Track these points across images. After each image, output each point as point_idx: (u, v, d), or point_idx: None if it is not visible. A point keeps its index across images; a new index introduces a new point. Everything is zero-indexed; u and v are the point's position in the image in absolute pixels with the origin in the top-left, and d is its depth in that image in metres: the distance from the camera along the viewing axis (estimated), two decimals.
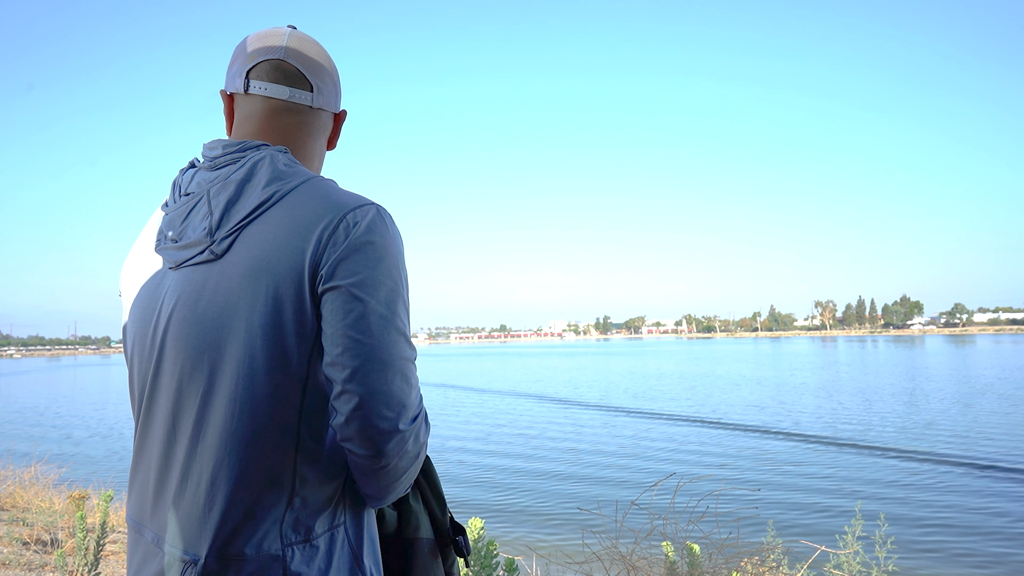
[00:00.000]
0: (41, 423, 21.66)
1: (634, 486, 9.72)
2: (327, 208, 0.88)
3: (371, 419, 0.83)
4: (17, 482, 6.39)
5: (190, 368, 0.87)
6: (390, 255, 0.88)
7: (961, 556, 6.72)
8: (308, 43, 1.03)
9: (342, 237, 0.86)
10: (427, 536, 1.08)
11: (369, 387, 0.83)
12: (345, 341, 0.83)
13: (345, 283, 0.84)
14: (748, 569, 3.58)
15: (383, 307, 0.85)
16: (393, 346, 0.85)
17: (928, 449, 12.42)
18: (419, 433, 0.88)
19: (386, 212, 0.92)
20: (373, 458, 0.85)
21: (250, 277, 0.86)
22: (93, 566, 3.48)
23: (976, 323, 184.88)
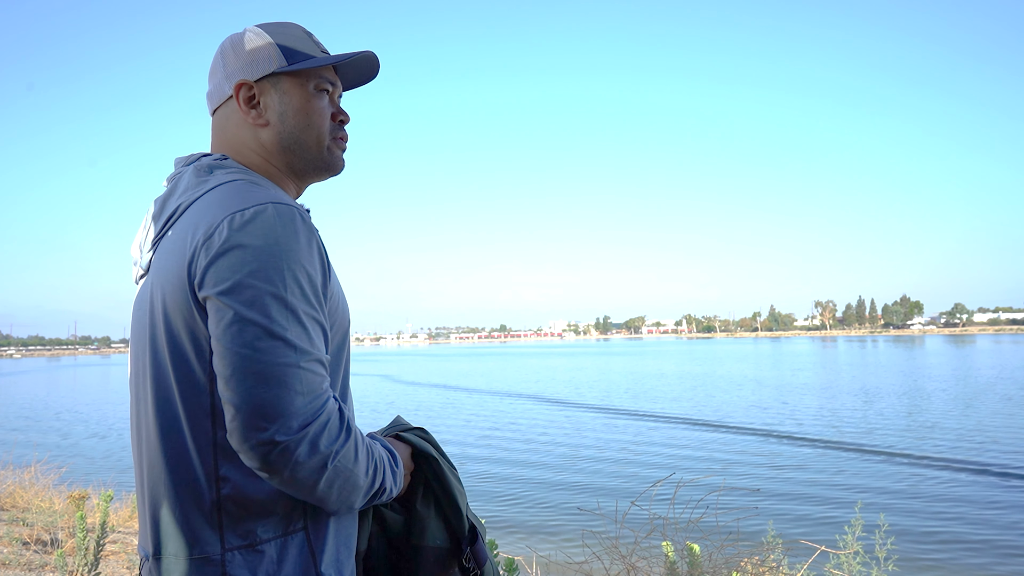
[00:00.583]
0: (41, 423, 21.67)
1: (634, 486, 9.72)
2: (212, 214, 0.87)
3: (245, 430, 0.79)
4: (17, 482, 6.39)
5: (137, 380, 0.95)
6: (266, 256, 0.83)
7: (962, 556, 6.72)
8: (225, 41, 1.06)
9: (215, 242, 0.84)
10: (434, 544, 1.04)
11: (241, 397, 0.80)
12: (219, 349, 0.82)
13: (214, 291, 0.83)
14: (748, 569, 3.58)
15: (253, 312, 0.81)
16: (266, 353, 0.80)
17: (931, 452, 12.42)
18: (315, 441, 0.80)
19: (282, 210, 0.86)
20: (261, 470, 0.81)
21: (157, 290, 0.90)
22: (93, 566, 3.48)
23: (976, 323, 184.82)
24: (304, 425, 0.80)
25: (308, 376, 0.82)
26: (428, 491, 1.06)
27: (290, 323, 0.82)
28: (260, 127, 1.01)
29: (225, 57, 1.03)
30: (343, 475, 0.84)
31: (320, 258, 0.89)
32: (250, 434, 0.79)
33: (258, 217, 0.84)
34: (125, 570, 4.24)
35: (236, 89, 1.01)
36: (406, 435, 1.09)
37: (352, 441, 0.85)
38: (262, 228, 0.84)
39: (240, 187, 0.92)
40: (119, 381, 47.69)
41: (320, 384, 0.83)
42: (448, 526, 1.06)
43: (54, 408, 26.98)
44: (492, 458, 12.68)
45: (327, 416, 0.82)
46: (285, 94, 1.01)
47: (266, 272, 0.82)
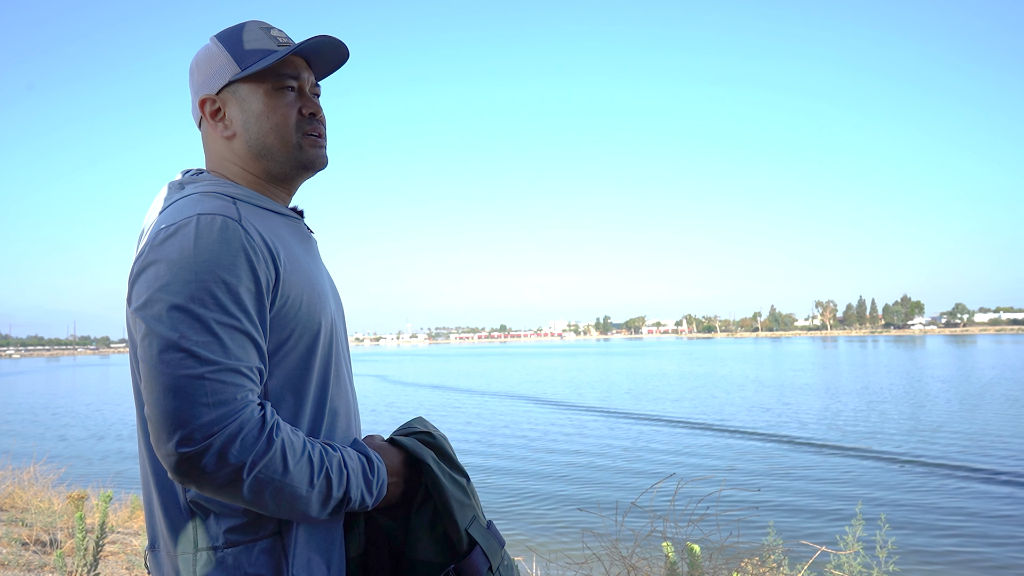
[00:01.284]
0: (40, 423, 21.66)
1: (634, 487, 9.72)
2: (152, 230, 0.91)
3: (155, 442, 0.81)
4: (16, 482, 6.38)
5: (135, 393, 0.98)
6: (179, 269, 0.83)
7: (962, 557, 6.72)
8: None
9: (139, 260, 0.88)
10: (427, 559, 0.97)
11: (150, 407, 0.82)
12: (137, 363, 0.86)
13: (132, 307, 0.87)
14: (748, 570, 3.57)
15: (160, 326, 0.82)
16: (169, 364, 0.80)
17: (931, 453, 12.41)
18: (223, 452, 0.79)
19: (203, 221, 0.86)
20: (174, 480, 0.84)
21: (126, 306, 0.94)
22: (92, 567, 3.47)
23: (977, 323, 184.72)
24: (207, 436, 0.79)
25: (216, 386, 0.81)
26: (427, 502, 0.99)
27: (198, 334, 0.82)
28: (228, 139, 1.02)
29: (192, 75, 1.05)
30: (272, 485, 0.82)
31: (249, 265, 0.86)
32: (159, 445, 0.81)
33: (179, 231, 0.85)
34: (124, 570, 4.23)
35: (200, 105, 1.03)
36: (402, 439, 1.03)
37: (275, 451, 0.82)
38: (179, 242, 0.84)
39: (188, 201, 0.91)
40: (118, 381, 47.68)
41: (232, 393, 0.81)
42: (444, 539, 0.98)
43: (53, 408, 26.98)
44: (492, 458, 12.67)
45: (238, 426, 0.80)
46: (244, 101, 1.00)
47: (176, 285, 0.83)
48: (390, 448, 1.02)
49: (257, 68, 0.99)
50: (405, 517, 1.00)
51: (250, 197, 0.98)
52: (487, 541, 1.00)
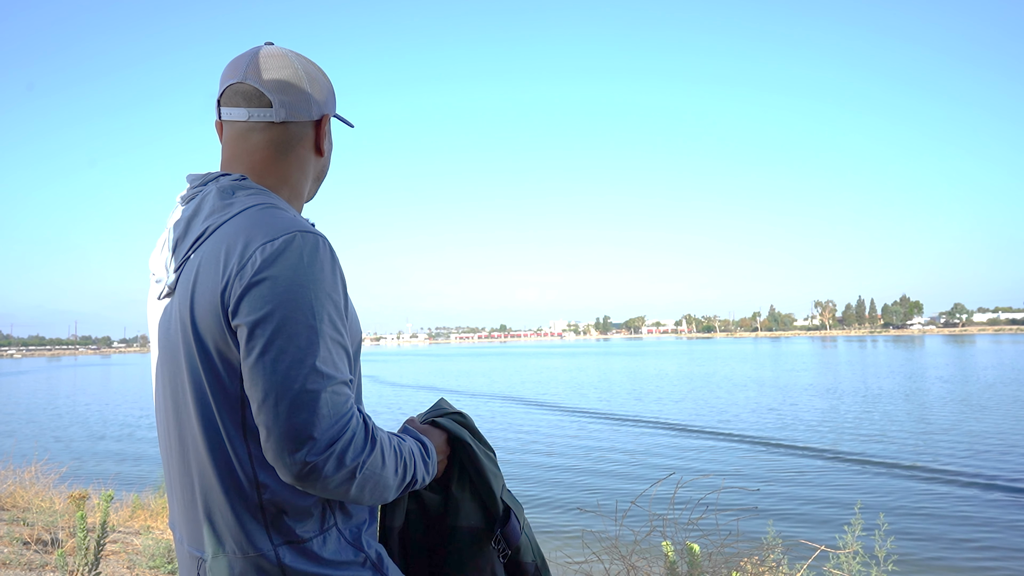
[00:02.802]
0: (41, 423, 21.65)
1: (634, 487, 9.72)
2: (244, 241, 0.90)
3: (278, 451, 0.86)
4: (17, 482, 6.39)
5: (169, 391, 0.99)
6: (296, 287, 0.87)
7: (962, 556, 6.73)
8: (272, 59, 1.04)
9: (247, 272, 0.88)
10: (468, 524, 1.12)
11: (273, 420, 0.86)
12: (251, 376, 0.87)
13: (246, 320, 0.88)
14: (748, 569, 3.58)
15: (286, 343, 0.86)
16: (295, 380, 0.85)
17: (933, 453, 12.42)
18: (342, 457, 0.87)
19: (308, 240, 0.91)
20: (295, 485, 0.89)
21: (186, 310, 0.93)
22: (93, 566, 3.48)
23: (976, 323, 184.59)
24: (330, 444, 0.86)
25: (333, 399, 0.88)
26: (463, 474, 1.14)
27: (317, 350, 0.87)
28: (318, 157, 1.11)
29: (312, 83, 1.07)
30: (372, 480, 0.92)
31: (342, 284, 0.95)
32: (283, 455, 0.86)
33: (287, 248, 0.89)
34: (125, 570, 4.24)
35: (325, 120, 1.09)
36: (441, 421, 1.17)
37: (377, 450, 0.92)
38: (291, 259, 0.88)
39: (265, 213, 0.95)
40: (119, 381, 47.66)
41: (344, 404, 0.89)
42: (483, 507, 1.13)
43: (54, 408, 26.97)
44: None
45: (351, 433, 0.89)
46: (329, 133, 1.13)
47: (295, 302, 0.87)
48: (433, 430, 1.15)
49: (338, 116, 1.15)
50: (444, 488, 1.13)
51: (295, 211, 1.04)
52: (516, 505, 1.18)
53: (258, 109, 1.03)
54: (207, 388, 0.93)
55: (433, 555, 1.13)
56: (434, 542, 1.13)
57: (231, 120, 1.05)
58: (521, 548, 1.15)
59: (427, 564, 1.14)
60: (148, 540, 4.55)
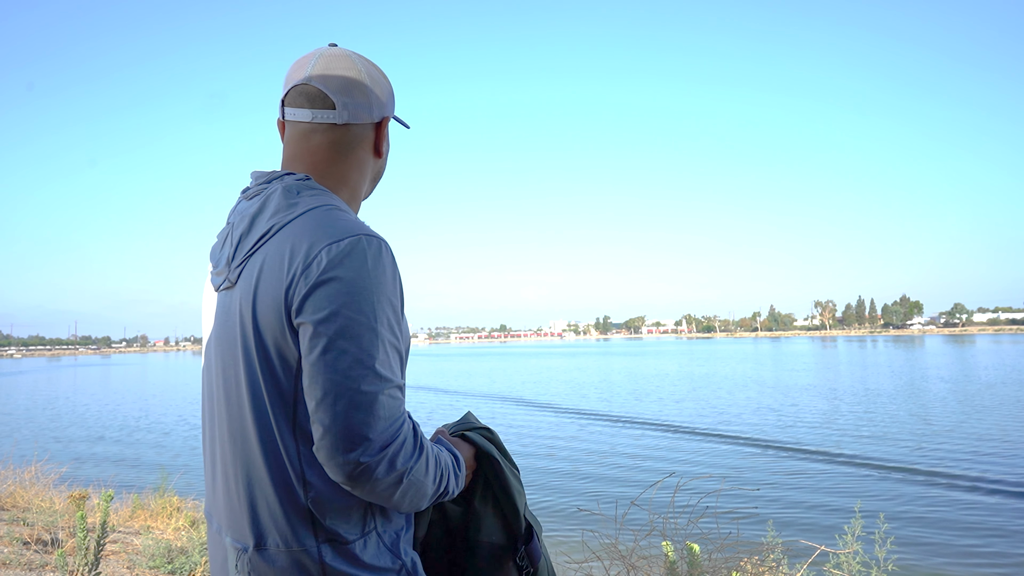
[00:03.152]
0: (41, 423, 21.65)
1: (634, 486, 9.72)
2: (309, 241, 0.92)
3: (333, 450, 0.88)
4: (17, 482, 6.39)
5: (221, 381, 1.00)
6: (360, 289, 0.90)
7: (962, 556, 6.72)
8: (336, 61, 1.06)
9: (313, 272, 0.90)
10: (490, 540, 1.11)
11: (331, 419, 0.87)
12: (311, 373, 0.89)
13: (311, 319, 0.89)
14: (748, 568, 3.58)
15: (348, 342, 0.88)
16: (355, 381, 0.87)
17: (939, 459, 12.42)
18: (393, 461, 0.89)
19: (372, 243, 0.93)
20: (344, 484, 0.90)
21: (248, 305, 0.95)
22: (93, 566, 3.48)
23: (976, 323, 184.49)
24: (384, 447, 0.89)
25: (389, 402, 0.90)
26: (487, 489, 1.14)
27: (378, 353, 0.90)
28: (376, 158, 1.13)
29: (374, 85, 1.09)
30: (415, 487, 0.94)
31: (400, 288, 0.97)
32: (337, 454, 0.87)
33: (353, 250, 0.91)
34: (125, 570, 4.24)
35: (384, 122, 1.11)
36: (471, 435, 1.17)
37: (423, 458, 0.94)
38: (356, 261, 0.90)
39: (330, 214, 0.97)
40: (119, 381, 47.66)
41: (398, 408, 0.92)
42: (505, 523, 1.12)
43: (54, 408, 26.97)
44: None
45: (403, 438, 0.91)
46: (388, 135, 1.14)
47: (359, 304, 0.89)
48: (463, 443, 1.16)
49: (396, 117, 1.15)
50: (467, 502, 1.13)
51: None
52: (536, 524, 1.18)
53: (322, 111, 1.05)
54: (262, 383, 0.94)
55: (452, 568, 1.13)
56: (454, 555, 1.13)
57: (294, 120, 1.07)
58: (539, 569, 1.14)
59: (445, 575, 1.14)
60: (148, 540, 4.55)
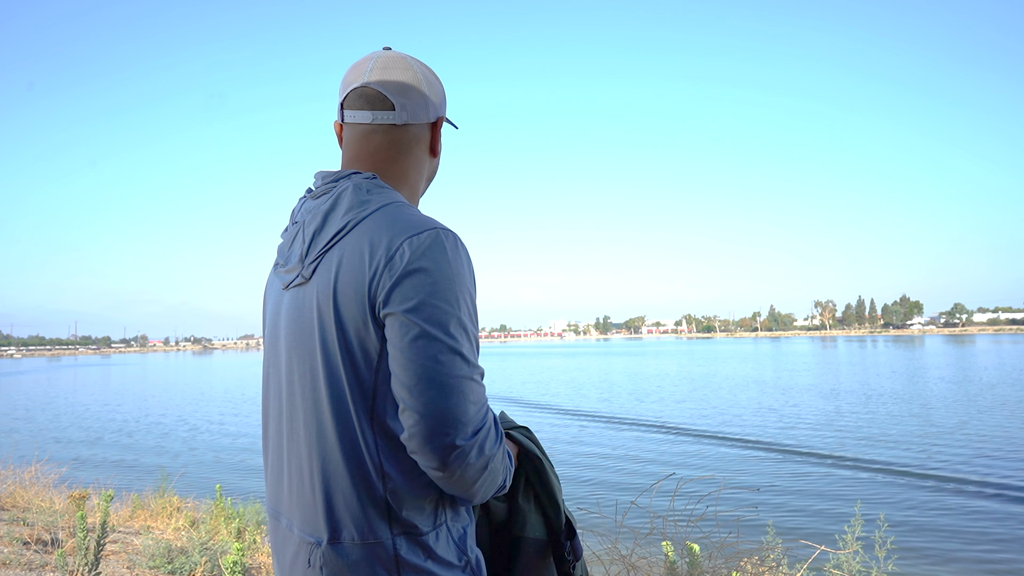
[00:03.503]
0: (41, 423, 21.65)
1: (634, 487, 9.72)
2: (388, 235, 0.95)
3: (428, 435, 0.89)
4: (17, 482, 6.39)
5: (296, 375, 1.01)
6: (444, 279, 0.93)
7: (961, 556, 6.72)
8: (393, 63, 1.11)
9: (397, 264, 0.92)
10: (534, 536, 1.13)
11: (424, 405, 0.89)
12: (402, 362, 0.91)
13: (399, 309, 0.91)
14: (748, 569, 3.58)
15: (436, 329, 0.90)
16: (446, 366, 0.90)
17: (934, 453, 12.42)
18: (482, 445, 0.91)
19: (449, 236, 0.96)
20: (437, 470, 0.91)
21: (326, 298, 0.97)
22: (93, 566, 3.48)
23: (976, 323, 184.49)
24: (476, 431, 0.91)
25: (477, 388, 0.93)
26: (528, 487, 1.16)
27: (464, 340, 0.93)
28: (431, 157, 1.16)
29: (430, 87, 1.13)
30: (492, 475, 0.96)
31: (474, 279, 1.00)
32: (434, 438, 0.89)
33: (434, 242, 0.94)
34: (125, 570, 4.24)
35: (439, 122, 1.15)
36: (514, 434, 1.19)
37: (502, 446, 0.97)
38: (438, 253, 0.94)
39: (402, 210, 1.00)
40: (119, 381, 47.65)
41: (483, 395, 0.94)
42: (547, 520, 1.16)
43: (54, 408, 26.96)
44: None
45: (489, 424, 0.94)
46: (441, 136, 1.17)
47: (444, 293, 0.92)
48: (507, 441, 1.17)
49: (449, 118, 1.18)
50: (509, 499, 1.15)
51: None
52: (574, 520, 1.20)
53: (381, 112, 1.08)
54: (343, 376, 0.95)
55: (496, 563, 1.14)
56: (498, 551, 1.15)
57: (354, 122, 1.10)
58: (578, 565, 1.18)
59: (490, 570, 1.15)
60: (148, 540, 4.55)
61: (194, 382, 44.22)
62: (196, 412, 23.90)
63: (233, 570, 2.81)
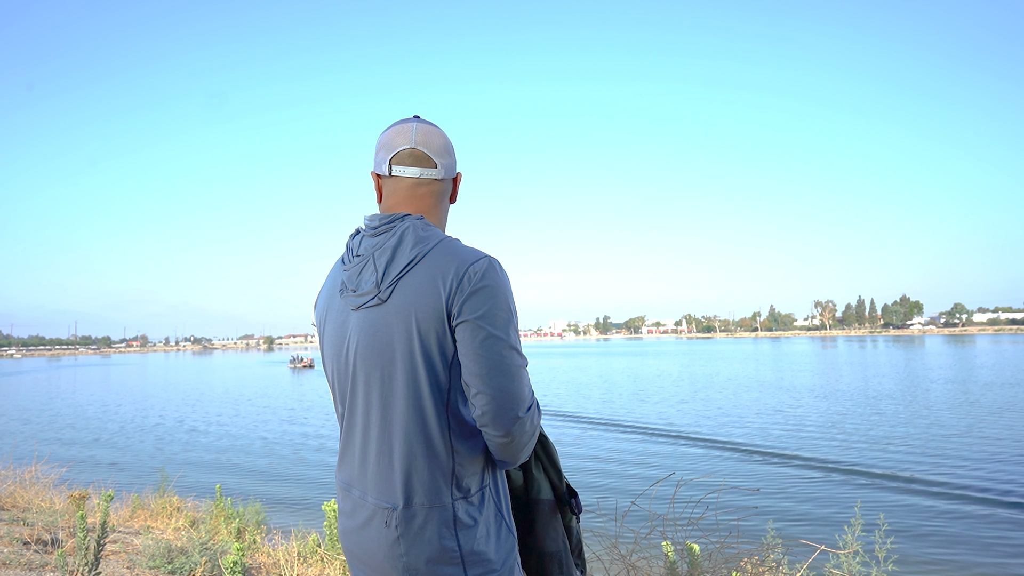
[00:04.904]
0: (41, 423, 21.66)
1: (634, 487, 9.73)
2: (455, 262, 1.27)
3: (499, 411, 1.23)
4: (17, 482, 6.39)
5: (376, 380, 1.30)
6: (500, 294, 1.26)
7: (961, 556, 6.73)
8: (431, 131, 1.43)
9: (467, 284, 1.25)
10: (547, 498, 1.45)
11: (495, 388, 1.23)
12: (476, 357, 1.23)
13: (471, 317, 1.24)
14: (748, 569, 3.58)
15: (499, 331, 1.24)
16: (508, 358, 1.24)
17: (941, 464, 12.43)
18: (533, 417, 1.28)
19: (496, 262, 1.30)
20: (503, 437, 1.25)
21: (405, 315, 1.27)
22: (93, 566, 3.48)
23: (976, 323, 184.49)
24: (530, 407, 1.27)
25: (527, 376, 1.29)
26: (538, 458, 1.48)
27: (517, 340, 1.27)
28: (451, 203, 1.49)
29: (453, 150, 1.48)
30: (533, 441, 1.31)
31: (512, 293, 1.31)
32: (504, 412, 1.23)
33: (490, 266, 1.28)
34: (125, 570, 4.24)
35: (458, 176, 1.49)
36: None
37: (541, 418, 1.33)
38: (494, 274, 1.27)
39: (456, 244, 1.32)
40: (119, 381, 47.67)
41: (530, 380, 1.30)
42: (552, 485, 1.48)
43: (54, 408, 26.97)
44: None
45: (535, 401, 1.30)
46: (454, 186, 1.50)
47: (502, 304, 1.26)
48: None
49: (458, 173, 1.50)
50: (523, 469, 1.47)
51: None
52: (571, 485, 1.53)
53: (426, 169, 1.40)
54: (422, 377, 1.25)
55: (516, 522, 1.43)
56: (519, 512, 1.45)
57: (401, 176, 1.40)
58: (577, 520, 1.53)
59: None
60: (148, 540, 4.55)
61: (194, 382, 44.24)
62: (195, 412, 23.91)
63: (233, 570, 2.81)
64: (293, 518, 7.76)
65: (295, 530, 5.20)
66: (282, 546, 4.82)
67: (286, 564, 4.35)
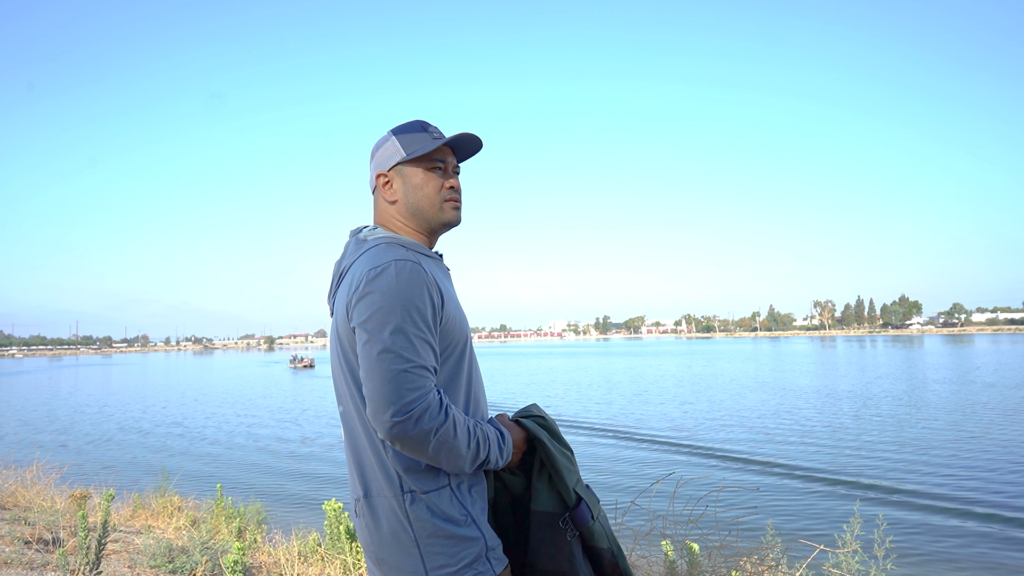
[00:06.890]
0: (42, 422, 21.66)
1: (633, 487, 9.74)
2: (361, 270, 1.34)
3: (372, 414, 1.25)
4: (19, 481, 6.40)
5: (336, 382, 1.45)
6: (384, 299, 1.28)
7: (961, 556, 6.74)
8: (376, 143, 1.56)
9: (359, 290, 1.31)
10: (544, 509, 1.39)
11: (370, 391, 1.25)
12: (360, 362, 1.29)
13: (356, 322, 1.31)
14: (747, 568, 3.59)
15: (375, 335, 1.26)
16: (383, 361, 1.24)
17: (935, 453, 12.43)
18: (420, 420, 1.22)
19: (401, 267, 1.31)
20: (391, 441, 1.25)
21: (336, 323, 1.40)
22: (94, 565, 3.49)
23: (975, 323, 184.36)
24: (410, 409, 1.22)
25: (410, 376, 1.24)
26: (543, 467, 1.43)
27: (402, 342, 1.25)
28: (392, 203, 1.50)
29: (373, 156, 1.54)
30: (446, 446, 1.26)
31: (428, 295, 1.31)
32: (377, 416, 1.24)
33: (384, 272, 1.30)
34: (126, 569, 4.24)
35: (376, 179, 1.52)
36: (523, 421, 1.49)
37: (449, 421, 1.26)
38: (385, 280, 1.29)
39: (380, 249, 1.38)
40: (120, 381, 47.70)
41: (420, 380, 1.25)
42: (558, 496, 1.41)
43: (55, 408, 26.98)
44: None
45: (427, 403, 1.24)
46: (407, 177, 1.49)
47: (386, 308, 1.27)
48: (515, 426, 1.48)
49: (415, 155, 1.47)
50: (527, 478, 1.44)
51: (413, 245, 1.44)
52: (589, 496, 1.46)
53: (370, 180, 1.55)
54: (350, 380, 1.36)
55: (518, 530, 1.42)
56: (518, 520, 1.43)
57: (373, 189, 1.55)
58: (594, 534, 1.41)
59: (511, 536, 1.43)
60: (149, 539, 4.56)
61: (195, 382, 44.25)
62: (194, 413, 23.92)
63: (234, 569, 2.82)
64: (294, 517, 7.77)
65: (296, 529, 5.21)
66: (283, 545, 4.83)
67: (287, 563, 4.36)
